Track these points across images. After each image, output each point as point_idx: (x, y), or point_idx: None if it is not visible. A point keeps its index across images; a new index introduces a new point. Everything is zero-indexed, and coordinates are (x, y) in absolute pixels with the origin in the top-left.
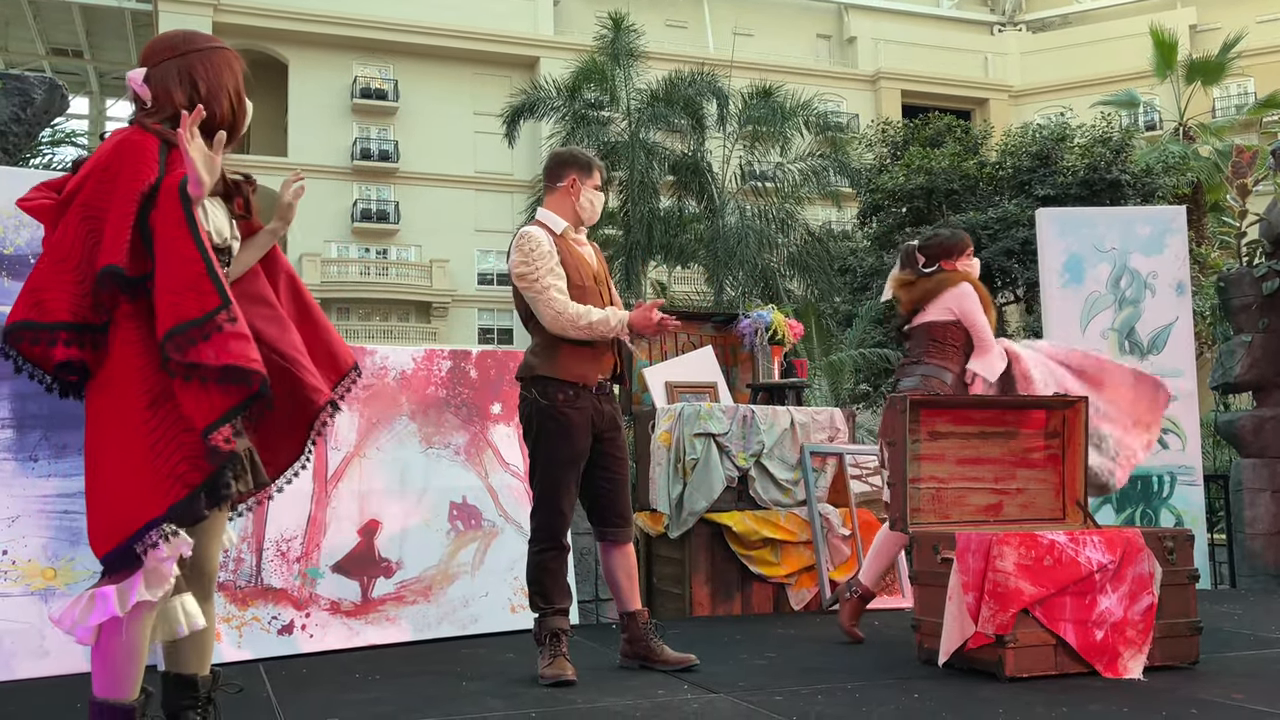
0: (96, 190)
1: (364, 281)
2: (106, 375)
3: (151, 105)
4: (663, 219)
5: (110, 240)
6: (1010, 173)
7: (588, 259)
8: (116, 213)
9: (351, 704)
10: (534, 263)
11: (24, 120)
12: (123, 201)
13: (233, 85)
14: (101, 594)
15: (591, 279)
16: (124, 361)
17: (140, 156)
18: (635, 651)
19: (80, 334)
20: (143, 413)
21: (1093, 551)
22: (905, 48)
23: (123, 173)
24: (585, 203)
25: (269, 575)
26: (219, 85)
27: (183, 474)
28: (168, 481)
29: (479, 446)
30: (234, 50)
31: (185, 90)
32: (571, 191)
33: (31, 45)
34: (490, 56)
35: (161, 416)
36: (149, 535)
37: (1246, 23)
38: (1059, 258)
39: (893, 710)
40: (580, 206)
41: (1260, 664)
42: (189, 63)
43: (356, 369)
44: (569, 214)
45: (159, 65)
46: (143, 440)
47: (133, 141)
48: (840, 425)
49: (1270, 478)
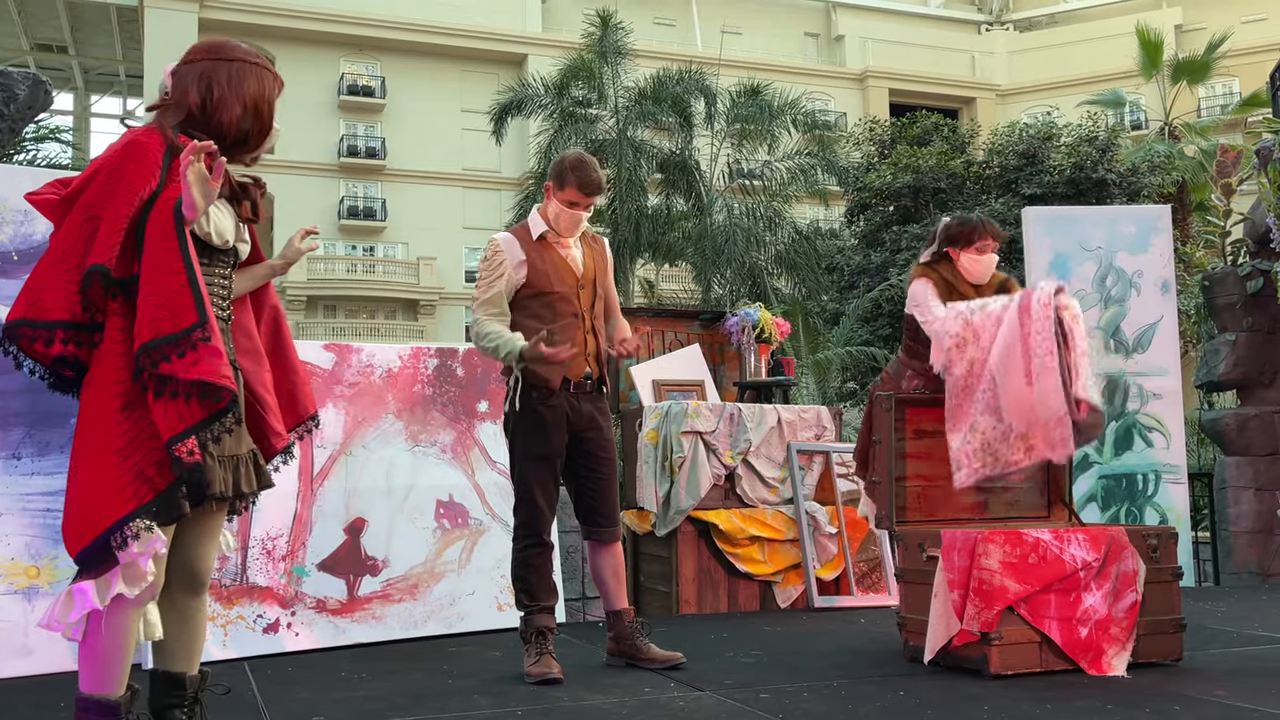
0: (99, 191)
1: (351, 279)
2: (91, 375)
3: (169, 97)
4: (650, 217)
5: (102, 240)
6: (997, 171)
7: (569, 262)
8: (112, 214)
9: (338, 702)
10: (483, 272)
11: (7, 116)
12: (120, 204)
13: (252, 97)
14: (79, 589)
15: (567, 284)
16: (106, 361)
17: (143, 161)
18: (622, 650)
19: (77, 332)
20: (118, 414)
21: (1077, 549)
22: (893, 46)
23: (125, 176)
24: (552, 214)
25: (254, 574)
26: (234, 94)
27: (150, 477)
28: (135, 484)
29: (465, 444)
30: (274, 72)
31: (199, 92)
32: (549, 198)
33: (16, 40)
34: (478, 54)
35: (135, 419)
36: (118, 534)
37: (1232, 23)
38: (1045, 256)
39: (878, 707)
40: (553, 216)
41: (1243, 661)
42: (213, 68)
43: (315, 419)
44: (549, 219)
45: (190, 63)
46: (115, 441)
47: (139, 144)
48: (827, 423)
49: (1254, 476)
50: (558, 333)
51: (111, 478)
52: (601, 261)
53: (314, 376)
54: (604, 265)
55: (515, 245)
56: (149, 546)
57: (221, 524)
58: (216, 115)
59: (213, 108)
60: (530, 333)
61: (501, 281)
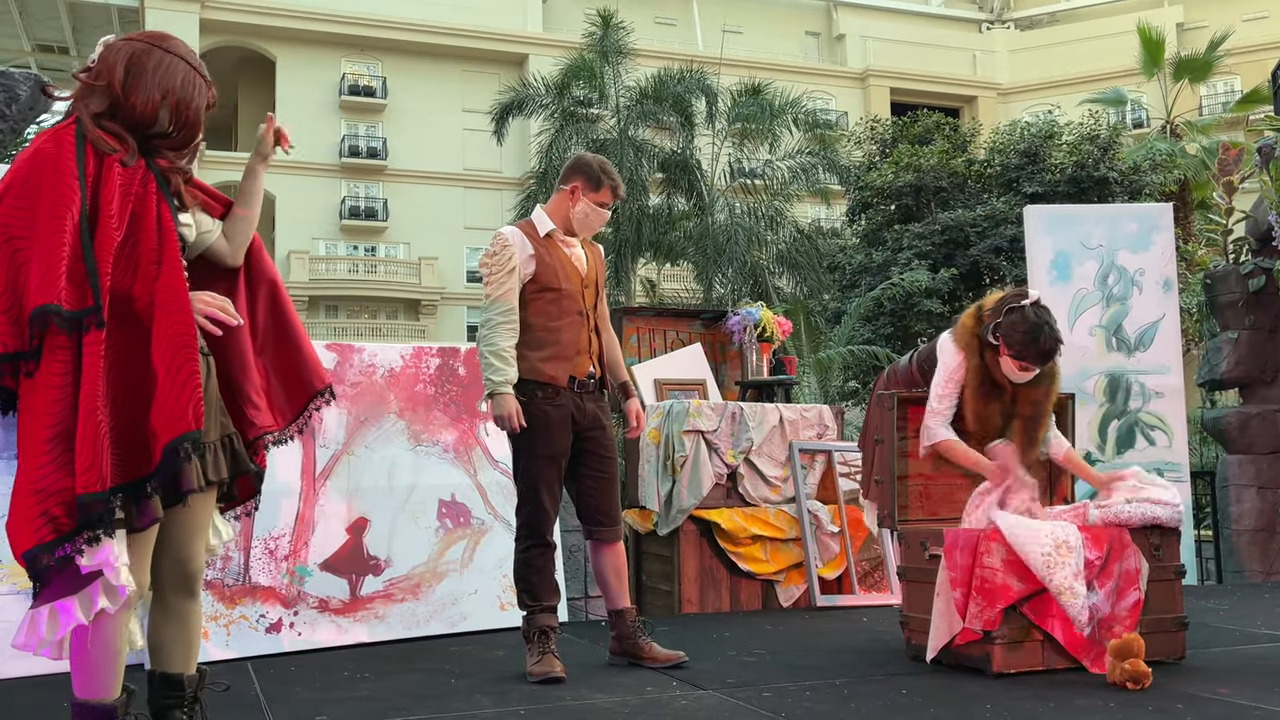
0: (15, 210)
1: (352, 279)
2: (27, 401)
3: (95, 68)
4: (652, 216)
5: (41, 275)
6: (998, 170)
7: (575, 262)
8: (43, 243)
9: (340, 702)
10: (491, 266)
11: (9, 117)
12: (48, 232)
13: (175, 94)
14: (62, 607)
15: (573, 283)
16: (41, 393)
17: (57, 176)
18: (624, 649)
19: (13, 363)
20: (42, 445)
21: None
22: (894, 45)
23: (41, 194)
24: (580, 213)
25: (257, 573)
26: (156, 83)
27: (55, 517)
28: (39, 520)
29: (468, 444)
30: (208, 81)
31: (123, 69)
32: (571, 198)
33: (16, 41)
34: (479, 54)
35: (55, 455)
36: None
37: (1233, 21)
38: (1047, 255)
39: (880, 706)
40: (574, 214)
41: (1246, 659)
42: (145, 51)
43: (326, 391)
44: (561, 218)
45: (126, 42)
46: (33, 473)
47: (46, 155)
48: (829, 422)
49: (1256, 474)
50: (565, 330)
51: (25, 505)
52: (600, 265)
53: None
54: (602, 269)
55: (524, 240)
56: (97, 559)
57: (208, 517)
58: (131, 97)
59: (130, 87)
60: (537, 331)
61: (512, 277)
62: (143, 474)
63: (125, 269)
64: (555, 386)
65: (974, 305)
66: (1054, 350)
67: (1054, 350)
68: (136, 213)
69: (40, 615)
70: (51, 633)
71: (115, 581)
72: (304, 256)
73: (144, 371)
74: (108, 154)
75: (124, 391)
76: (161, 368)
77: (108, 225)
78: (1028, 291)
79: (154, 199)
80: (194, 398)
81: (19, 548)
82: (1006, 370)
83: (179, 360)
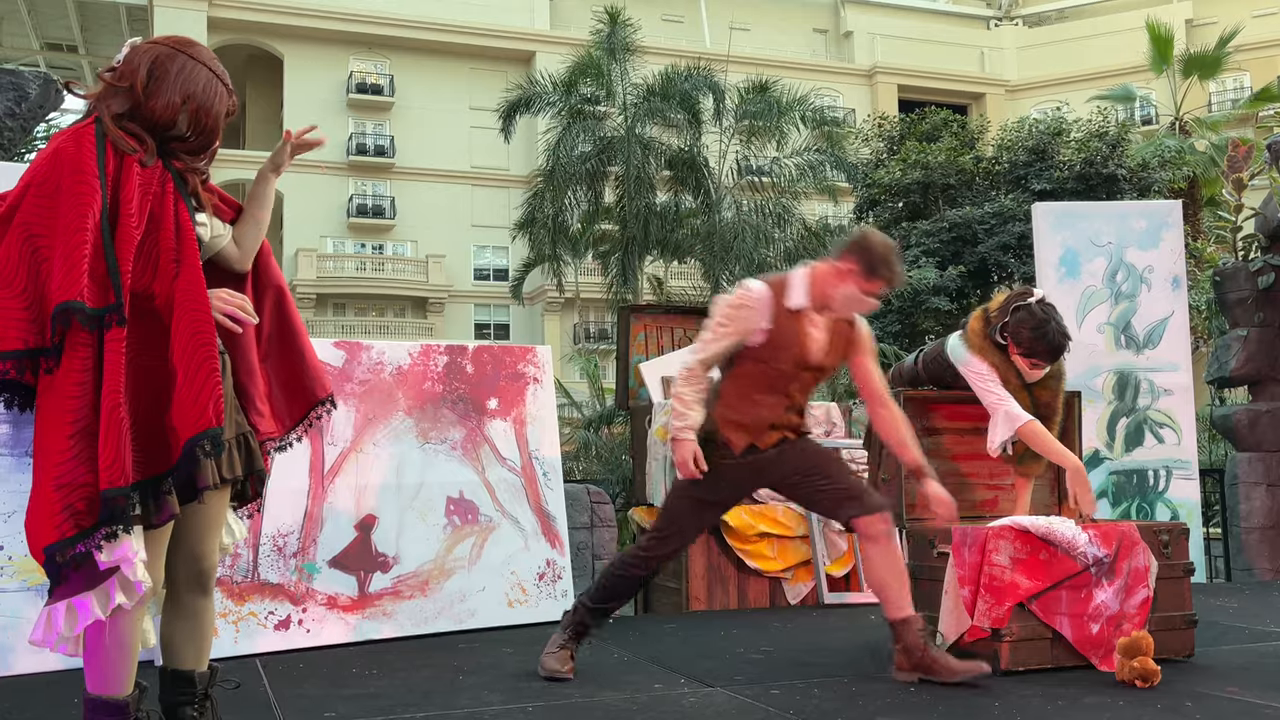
0: (36, 208)
1: (360, 277)
2: (45, 400)
3: (119, 69)
4: (659, 214)
5: (64, 273)
6: (1006, 167)
7: (809, 344)
8: (65, 241)
9: (348, 698)
10: (723, 319)
11: (19, 115)
12: (69, 230)
13: (196, 99)
14: (79, 603)
15: (795, 364)
16: (63, 388)
17: (78, 174)
18: (915, 663)
19: (32, 360)
20: (64, 440)
21: (1088, 546)
22: (901, 42)
23: (61, 192)
24: (844, 295)
25: (266, 570)
26: (178, 86)
27: (79, 511)
28: (63, 514)
29: (475, 442)
30: (230, 89)
31: (146, 71)
32: (840, 278)
33: (26, 40)
34: (486, 51)
35: (77, 451)
36: (87, 541)
37: (1243, 17)
38: (1055, 252)
39: (888, 704)
40: (838, 293)
41: (1255, 657)
42: (170, 55)
43: (327, 401)
44: (820, 292)
45: (152, 44)
46: (55, 469)
47: (66, 154)
48: (837, 420)
49: (1265, 472)
50: (763, 407)
51: (47, 502)
52: (851, 344)
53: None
54: (855, 347)
55: (768, 308)
56: (116, 555)
57: (223, 514)
58: (152, 99)
59: (152, 90)
60: (735, 395)
61: (734, 338)
62: (161, 470)
63: (144, 267)
64: (730, 450)
65: (979, 309)
66: (1063, 345)
67: (1063, 345)
68: (155, 212)
69: (58, 611)
70: (69, 628)
71: (132, 577)
72: (311, 254)
73: (161, 369)
74: (128, 154)
75: (141, 388)
76: (180, 365)
77: (128, 223)
78: (1032, 290)
79: (172, 199)
80: (214, 394)
81: (39, 543)
82: (1020, 368)
83: (199, 357)
